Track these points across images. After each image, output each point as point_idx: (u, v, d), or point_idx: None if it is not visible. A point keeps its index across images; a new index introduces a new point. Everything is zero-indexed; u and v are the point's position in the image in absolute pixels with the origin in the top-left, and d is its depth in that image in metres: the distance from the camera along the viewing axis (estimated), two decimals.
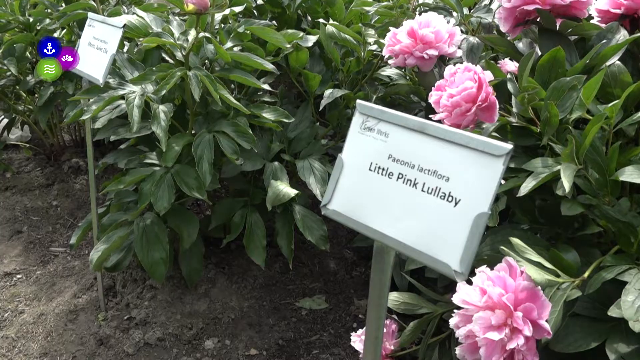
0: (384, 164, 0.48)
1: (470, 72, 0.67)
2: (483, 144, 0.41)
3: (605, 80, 0.80)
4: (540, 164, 0.67)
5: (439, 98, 0.69)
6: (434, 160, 0.45)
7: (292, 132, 1.21)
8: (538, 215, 0.77)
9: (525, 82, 0.70)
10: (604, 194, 0.69)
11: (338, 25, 1.18)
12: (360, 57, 1.21)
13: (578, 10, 0.86)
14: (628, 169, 0.66)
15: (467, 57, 0.98)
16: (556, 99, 0.70)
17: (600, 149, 0.68)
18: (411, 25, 0.90)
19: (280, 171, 1.10)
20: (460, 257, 0.42)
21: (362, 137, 0.51)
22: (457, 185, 0.43)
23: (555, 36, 0.86)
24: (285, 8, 1.35)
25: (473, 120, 0.68)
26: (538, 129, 0.72)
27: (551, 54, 0.78)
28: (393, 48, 0.93)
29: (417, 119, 0.47)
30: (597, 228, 0.69)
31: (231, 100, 0.97)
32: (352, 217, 0.50)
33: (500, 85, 0.77)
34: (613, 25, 0.85)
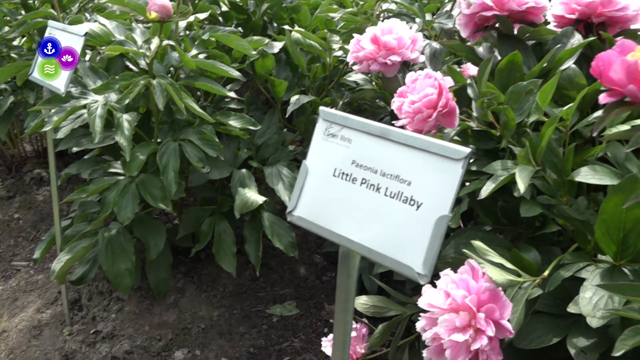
0: (347, 170, 0.49)
1: (431, 78, 0.68)
2: (443, 148, 0.42)
3: (562, 83, 0.83)
4: (500, 167, 0.69)
5: (401, 104, 0.70)
6: (396, 165, 0.46)
7: (260, 139, 1.21)
8: (500, 216, 0.78)
9: (484, 87, 0.72)
10: (561, 193, 0.71)
11: (303, 32, 1.19)
12: (326, 63, 1.22)
13: (534, 16, 0.89)
14: (583, 170, 0.68)
15: (430, 62, 1.00)
16: (514, 102, 0.72)
17: (557, 150, 0.71)
18: (374, 32, 0.91)
19: (248, 178, 1.10)
20: (423, 260, 0.43)
21: (326, 143, 0.51)
22: (419, 189, 0.44)
23: (513, 41, 0.88)
24: (251, 15, 1.35)
25: (435, 125, 0.69)
26: (498, 133, 0.74)
27: (509, 58, 0.80)
28: (357, 54, 0.94)
29: (380, 125, 0.47)
30: (556, 227, 0.71)
31: (196, 109, 0.96)
32: (318, 222, 0.51)
33: (461, 90, 0.79)
34: (568, 29, 0.88)
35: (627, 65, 0.45)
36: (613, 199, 0.59)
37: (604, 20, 0.88)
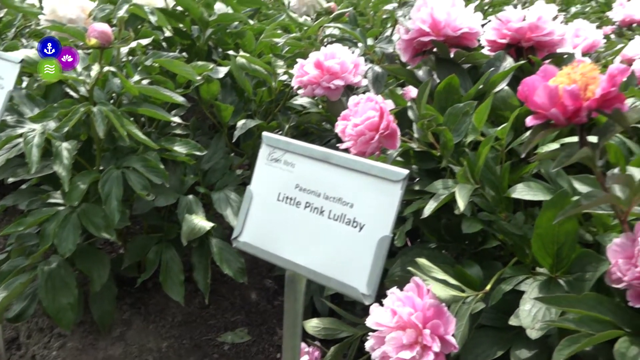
0: (291, 194, 0.49)
1: (372, 102, 0.70)
2: (382, 170, 0.44)
3: (496, 104, 0.87)
4: (441, 186, 0.72)
5: (344, 127, 0.72)
6: (339, 188, 0.46)
7: (207, 164, 1.20)
8: (444, 234, 0.81)
9: (424, 109, 0.75)
10: (500, 210, 0.74)
11: (248, 57, 1.19)
12: (272, 87, 1.23)
13: (469, 41, 0.93)
14: (519, 186, 0.71)
15: (373, 85, 1.03)
16: (452, 123, 0.75)
17: (494, 168, 0.74)
18: (317, 57, 0.93)
19: (195, 204, 1.09)
20: (367, 280, 0.44)
21: (270, 168, 0.52)
22: (361, 211, 0.45)
23: (450, 65, 0.92)
24: (195, 40, 1.35)
25: (377, 147, 0.71)
26: (438, 153, 0.76)
27: (447, 81, 0.84)
28: (301, 79, 0.96)
29: (322, 149, 0.48)
30: (496, 242, 0.73)
31: (139, 136, 0.95)
32: (263, 247, 0.51)
33: (402, 113, 0.81)
34: (500, 53, 0.93)
35: (549, 90, 0.48)
36: (546, 214, 0.62)
37: (533, 45, 0.93)
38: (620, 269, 0.53)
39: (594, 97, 0.47)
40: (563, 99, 0.48)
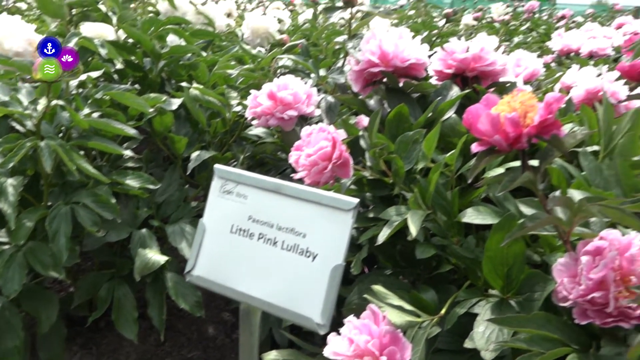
0: (244, 226, 0.49)
1: (325, 132, 0.71)
2: (333, 200, 0.44)
3: (445, 132, 0.90)
4: (394, 212, 0.73)
5: (298, 158, 0.72)
6: (291, 219, 0.47)
7: (161, 197, 1.18)
8: (399, 260, 0.82)
9: (375, 138, 0.77)
10: (452, 234, 0.75)
11: (201, 88, 1.19)
12: (226, 118, 1.23)
13: (417, 71, 0.96)
14: (469, 211, 0.73)
15: (326, 115, 1.05)
16: (403, 151, 0.77)
17: (444, 193, 0.76)
18: (270, 88, 0.94)
19: (149, 238, 1.06)
20: (321, 310, 0.44)
21: (222, 200, 0.52)
22: (313, 240, 0.45)
23: (400, 94, 0.95)
24: (147, 72, 1.34)
25: (331, 176, 0.72)
26: (391, 180, 0.78)
27: (397, 110, 0.86)
28: (255, 110, 0.97)
29: (274, 181, 0.49)
30: (449, 266, 0.75)
31: (89, 170, 0.93)
32: (217, 281, 0.50)
33: (355, 142, 0.83)
34: (447, 83, 0.96)
35: (491, 118, 0.50)
36: (495, 237, 0.63)
37: (477, 74, 0.97)
38: (565, 288, 0.55)
39: (533, 124, 0.50)
40: (504, 126, 0.50)
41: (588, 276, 0.52)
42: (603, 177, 0.71)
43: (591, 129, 0.86)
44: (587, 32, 2.31)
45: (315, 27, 2.12)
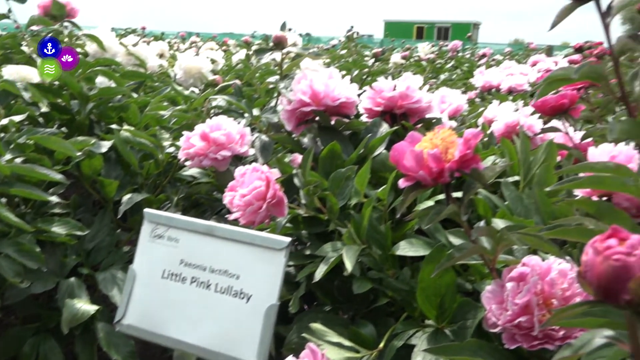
0: (176, 270, 0.48)
1: (258, 172, 0.72)
2: (265, 240, 0.45)
3: (377, 167, 0.92)
4: (330, 249, 0.74)
5: (232, 198, 0.72)
6: (224, 260, 0.46)
7: (90, 243, 1.13)
8: (338, 296, 0.82)
9: (308, 176, 0.78)
10: (387, 267, 0.77)
11: (132, 130, 1.17)
12: (159, 159, 1.21)
13: (347, 109, 0.99)
14: (402, 244, 0.75)
15: (261, 154, 1.05)
16: (336, 188, 0.79)
17: (378, 228, 0.78)
18: (203, 129, 0.94)
19: (78, 287, 1.01)
20: (257, 352, 0.43)
21: (153, 245, 0.50)
22: (247, 281, 0.45)
23: (332, 132, 0.98)
24: (75, 115, 1.30)
25: (266, 216, 0.72)
26: (326, 217, 0.79)
27: (329, 148, 0.88)
28: (188, 151, 0.96)
29: (205, 223, 0.48)
30: (386, 299, 0.76)
31: (10, 218, 0.88)
32: (149, 329, 0.49)
33: (289, 180, 0.84)
34: (376, 120, 1.00)
35: (415, 155, 0.53)
36: (427, 268, 0.65)
37: (405, 111, 1.02)
38: (494, 314, 0.57)
39: (454, 159, 0.53)
40: (428, 162, 0.53)
41: (513, 301, 0.55)
42: (524, 205, 0.75)
43: (511, 160, 0.91)
44: (505, 69, 2.47)
45: (248, 67, 2.15)
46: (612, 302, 0.29)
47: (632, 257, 0.28)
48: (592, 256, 0.29)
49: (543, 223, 0.72)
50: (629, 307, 0.29)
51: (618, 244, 0.29)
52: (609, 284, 0.28)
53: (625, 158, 0.63)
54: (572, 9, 0.41)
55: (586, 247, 0.31)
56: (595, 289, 0.29)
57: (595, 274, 0.29)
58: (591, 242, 0.30)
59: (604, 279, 0.28)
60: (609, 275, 0.28)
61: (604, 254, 0.29)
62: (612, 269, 0.28)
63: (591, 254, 0.30)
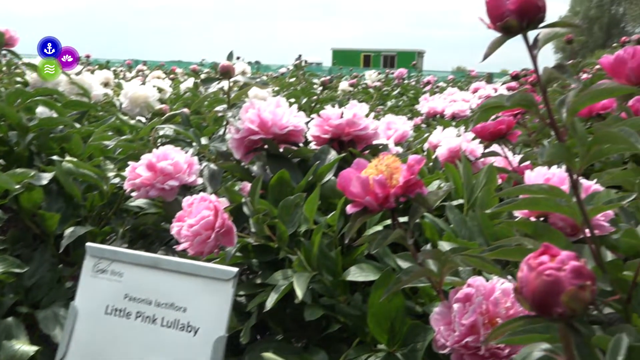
0: (120, 305, 0.47)
1: (206, 201, 0.71)
2: (212, 270, 0.44)
3: (327, 194, 0.93)
4: (281, 277, 0.73)
5: (180, 229, 0.71)
6: (170, 293, 0.45)
7: (30, 280, 1.07)
8: (290, 324, 0.81)
9: (258, 204, 0.78)
10: (339, 293, 0.77)
11: (75, 161, 1.14)
12: (104, 191, 1.17)
13: (296, 137, 1.00)
14: (352, 269, 0.76)
15: (209, 183, 1.04)
16: (286, 215, 0.79)
17: (329, 254, 0.78)
18: (149, 159, 0.93)
19: (16, 327, 0.95)
20: None
21: (96, 280, 0.49)
22: (194, 314, 0.44)
23: (281, 160, 0.98)
24: (14, 146, 1.25)
25: (215, 245, 0.71)
26: (276, 245, 0.79)
27: (278, 176, 0.88)
28: (134, 182, 0.94)
29: (150, 255, 0.47)
30: (337, 325, 0.76)
31: None
32: None
33: (238, 209, 0.83)
34: (325, 147, 1.01)
35: (361, 181, 0.54)
36: (377, 293, 0.66)
37: (352, 138, 1.04)
38: (442, 336, 0.58)
39: (398, 185, 0.54)
40: (374, 188, 0.54)
41: (460, 322, 0.56)
42: (468, 228, 0.78)
43: (455, 184, 0.94)
44: (449, 96, 2.57)
45: (197, 95, 2.14)
46: (547, 315, 0.30)
47: (562, 272, 0.29)
48: (527, 273, 0.31)
49: (486, 244, 0.74)
50: (562, 320, 0.30)
51: (549, 260, 0.30)
52: (543, 298, 0.29)
53: (558, 180, 0.67)
54: (502, 42, 0.44)
55: (521, 265, 0.32)
56: (531, 304, 0.31)
57: (530, 290, 0.30)
58: (526, 259, 0.32)
59: (538, 294, 0.30)
60: (543, 290, 0.29)
61: (537, 270, 0.30)
62: (545, 284, 0.29)
63: (526, 270, 0.31)
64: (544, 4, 0.44)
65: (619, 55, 0.65)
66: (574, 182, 0.47)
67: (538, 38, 0.45)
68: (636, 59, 0.63)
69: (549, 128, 0.47)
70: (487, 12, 0.44)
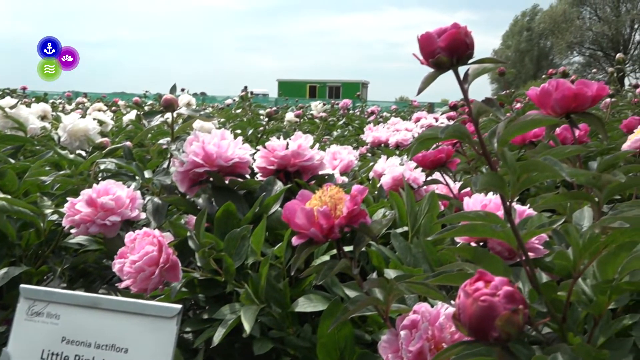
0: (57, 349, 0.45)
1: (150, 236, 0.69)
2: (155, 308, 0.43)
3: (273, 225, 0.93)
4: (228, 311, 0.72)
5: (122, 266, 0.69)
6: (111, 334, 0.44)
7: None
8: (239, 359, 0.80)
9: (203, 238, 0.77)
10: (287, 325, 0.77)
11: (9, 199, 1.09)
12: (40, 228, 1.12)
13: (241, 169, 1.00)
14: (301, 300, 0.76)
15: (153, 217, 1.02)
16: (232, 248, 0.78)
17: (277, 286, 0.78)
18: (89, 194, 0.90)
19: None
20: None
21: (31, 323, 0.47)
22: (137, 354, 0.43)
23: (227, 192, 0.97)
24: None
25: (159, 281, 0.69)
26: (223, 278, 0.77)
27: (224, 208, 0.88)
28: (73, 218, 0.91)
29: (89, 295, 0.46)
30: (287, 358, 0.75)
31: None
32: None
33: (184, 243, 0.82)
34: (270, 179, 1.02)
35: (306, 212, 0.54)
36: (325, 323, 0.66)
37: (298, 169, 1.05)
38: None
39: (342, 216, 0.55)
40: (318, 219, 0.55)
41: (408, 349, 0.57)
42: (412, 255, 0.79)
43: (400, 212, 0.96)
44: (392, 125, 2.65)
45: (140, 128, 2.10)
46: (484, 340, 0.32)
47: (496, 297, 0.31)
48: (464, 299, 0.32)
49: (431, 270, 0.76)
50: (499, 344, 0.31)
51: (484, 286, 0.32)
52: (479, 323, 0.31)
53: (495, 206, 0.70)
54: (435, 76, 0.46)
55: (459, 291, 0.33)
56: (468, 329, 0.32)
57: (467, 315, 0.31)
58: (462, 286, 0.33)
59: (474, 320, 0.31)
60: (479, 315, 0.30)
61: (473, 296, 0.31)
62: (481, 309, 0.30)
63: (462, 297, 0.32)
64: (472, 41, 0.47)
65: (544, 87, 0.70)
66: (507, 209, 0.49)
67: (468, 73, 0.48)
68: (559, 91, 0.68)
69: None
70: (420, 49, 0.47)
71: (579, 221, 0.74)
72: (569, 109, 0.69)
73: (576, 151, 0.55)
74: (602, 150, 1.29)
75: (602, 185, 0.67)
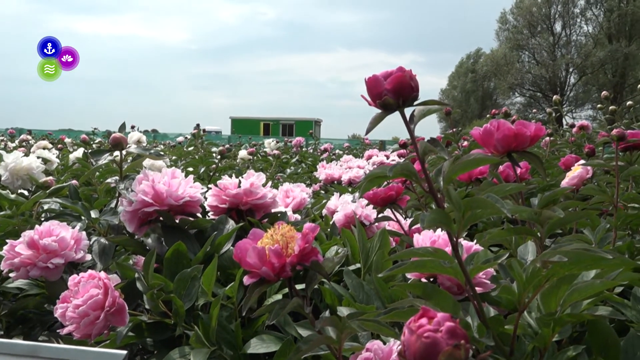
0: None
1: (95, 278, 0.67)
2: (98, 355, 0.41)
3: (225, 264, 0.92)
4: (177, 355, 0.70)
5: (64, 310, 0.66)
6: None
7: None
8: None
9: (152, 279, 0.74)
10: None
11: None
12: None
13: (192, 208, 0.99)
14: (253, 341, 0.74)
15: (99, 259, 0.99)
16: (182, 289, 0.76)
17: (228, 327, 0.76)
18: (31, 236, 0.86)
19: None
20: None
21: None
22: None
23: (177, 231, 0.96)
24: None
25: (105, 326, 0.67)
26: (172, 321, 0.75)
27: (174, 248, 0.86)
28: (12, 261, 0.86)
29: (27, 344, 0.43)
30: None
31: None
32: None
33: (131, 285, 0.79)
34: (222, 217, 1.00)
35: (257, 251, 0.54)
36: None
37: (250, 207, 1.04)
38: None
39: (294, 254, 0.55)
40: (270, 257, 0.55)
41: None
42: (365, 292, 0.80)
43: (352, 249, 0.97)
44: (345, 162, 2.68)
45: (87, 166, 2.04)
46: None
47: (439, 333, 0.31)
48: (408, 335, 0.32)
49: (383, 307, 0.76)
50: None
51: (428, 322, 0.32)
52: (423, 359, 0.31)
53: (443, 242, 0.72)
54: (382, 117, 0.48)
55: (404, 328, 0.34)
56: None
57: (412, 352, 0.32)
58: (407, 323, 0.33)
59: (419, 356, 0.31)
60: (422, 351, 0.31)
61: (416, 332, 0.32)
62: (424, 345, 0.31)
63: (407, 333, 0.33)
64: (417, 84, 0.49)
65: (487, 128, 0.73)
66: (454, 245, 0.50)
67: (414, 114, 0.50)
68: (500, 132, 0.71)
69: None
70: (368, 91, 0.48)
71: (523, 255, 0.77)
72: (510, 148, 0.72)
73: (517, 189, 0.58)
74: (543, 187, 1.35)
75: (543, 220, 0.70)
